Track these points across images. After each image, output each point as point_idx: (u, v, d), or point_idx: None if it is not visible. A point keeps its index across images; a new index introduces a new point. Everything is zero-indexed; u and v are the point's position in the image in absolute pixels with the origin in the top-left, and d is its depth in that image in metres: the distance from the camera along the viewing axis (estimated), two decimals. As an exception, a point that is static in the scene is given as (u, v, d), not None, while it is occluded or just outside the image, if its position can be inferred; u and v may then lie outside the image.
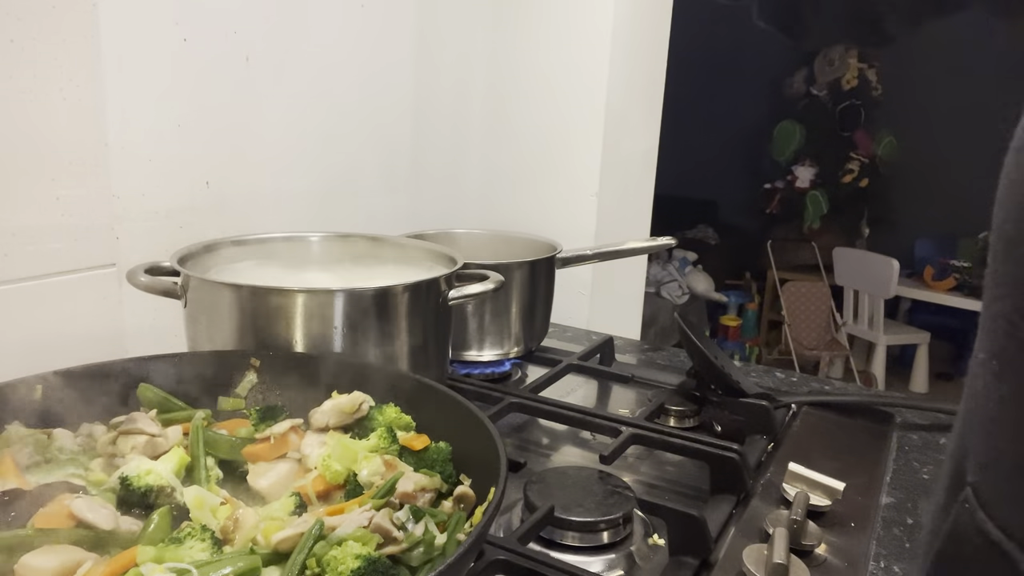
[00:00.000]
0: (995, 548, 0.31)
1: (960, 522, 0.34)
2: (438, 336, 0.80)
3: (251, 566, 0.44)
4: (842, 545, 0.65)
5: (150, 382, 0.64)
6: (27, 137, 0.74)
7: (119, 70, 0.81)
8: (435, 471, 0.57)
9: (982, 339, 0.33)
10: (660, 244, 1.18)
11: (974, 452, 0.34)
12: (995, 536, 0.32)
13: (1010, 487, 0.32)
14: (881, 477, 0.79)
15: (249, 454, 0.59)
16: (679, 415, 0.91)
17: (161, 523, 0.49)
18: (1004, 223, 0.31)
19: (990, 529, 0.32)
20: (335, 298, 0.70)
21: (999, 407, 0.32)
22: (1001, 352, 0.32)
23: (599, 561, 0.63)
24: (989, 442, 0.33)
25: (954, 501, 0.35)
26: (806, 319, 4.15)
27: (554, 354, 1.10)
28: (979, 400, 0.33)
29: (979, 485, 0.33)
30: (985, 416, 0.33)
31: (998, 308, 0.32)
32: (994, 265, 0.32)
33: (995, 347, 0.32)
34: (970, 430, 0.34)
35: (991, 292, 0.32)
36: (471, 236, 1.22)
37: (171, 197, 0.89)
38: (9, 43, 0.71)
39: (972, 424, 0.34)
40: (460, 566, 0.43)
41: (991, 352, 0.32)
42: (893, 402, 0.97)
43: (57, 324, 0.78)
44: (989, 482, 0.33)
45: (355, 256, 0.92)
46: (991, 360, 0.32)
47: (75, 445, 0.58)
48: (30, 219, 0.75)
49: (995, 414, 0.32)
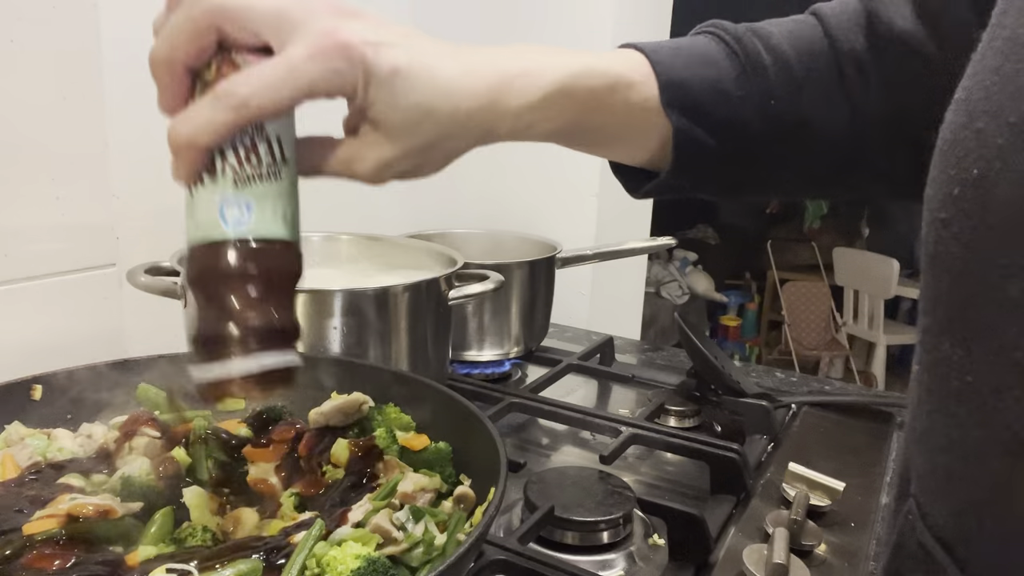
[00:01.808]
0: (932, 560, 0.31)
1: (903, 534, 0.35)
2: (438, 336, 0.80)
3: (252, 567, 0.44)
4: (842, 545, 0.65)
5: (150, 382, 0.64)
6: (27, 137, 0.74)
7: (119, 70, 0.81)
8: (435, 471, 0.57)
9: (917, 349, 0.33)
10: (660, 244, 1.18)
11: (914, 463, 0.34)
12: (931, 547, 0.32)
13: (945, 499, 0.32)
14: (881, 477, 0.79)
15: (249, 454, 0.59)
16: (679, 415, 0.91)
17: (162, 523, 0.49)
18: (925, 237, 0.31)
19: (928, 540, 0.32)
20: (335, 298, 0.70)
21: (930, 419, 0.32)
22: (928, 366, 0.32)
23: (599, 561, 0.63)
24: (925, 454, 0.33)
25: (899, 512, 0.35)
26: (806, 319, 4.15)
27: (554, 354, 1.10)
28: (915, 412, 0.33)
29: (919, 496, 0.33)
30: (920, 428, 0.33)
31: (923, 323, 0.32)
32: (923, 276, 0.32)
33: (923, 361, 0.32)
34: (911, 440, 0.35)
35: (921, 303, 0.32)
36: (471, 236, 1.22)
37: (171, 197, 0.88)
38: (9, 43, 0.71)
39: (912, 435, 0.34)
40: (460, 566, 0.43)
41: (923, 364, 0.32)
42: (893, 402, 0.97)
43: (57, 324, 0.78)
44: (927, 493, 0.33)
45: (355, 256, 0.92)
46: (923, 374, 0.32)
47: (75, 445, 0.58)
48: (30, 219, 0.75)
49: (926, 426, 0.32)
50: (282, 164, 0.39)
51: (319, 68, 0.37)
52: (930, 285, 0.31)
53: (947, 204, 0.29)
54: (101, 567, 0.43)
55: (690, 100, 0.48)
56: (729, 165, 0.51)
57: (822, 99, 0.49)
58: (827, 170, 0.53)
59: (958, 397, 0.29)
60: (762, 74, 0.49)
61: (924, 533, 0.32)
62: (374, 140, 0.41)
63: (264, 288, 0.39)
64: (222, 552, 0.44)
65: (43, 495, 0.49)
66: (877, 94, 0.49)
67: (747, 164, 0.51)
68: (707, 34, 0.51)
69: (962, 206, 0.28)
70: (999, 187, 0.27)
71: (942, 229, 0.30)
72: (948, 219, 0.29)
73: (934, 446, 0.32)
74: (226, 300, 0.38)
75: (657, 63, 0.48)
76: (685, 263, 4.28)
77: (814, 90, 0.49)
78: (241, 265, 0.38)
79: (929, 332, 0.31)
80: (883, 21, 0.48)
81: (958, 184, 0.29)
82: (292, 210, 0.40)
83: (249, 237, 0.38)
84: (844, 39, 0.49)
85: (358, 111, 0.40)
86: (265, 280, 0.39)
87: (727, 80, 0.49)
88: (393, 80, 0.39)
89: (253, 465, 0.59)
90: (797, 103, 0.49)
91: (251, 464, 0.59)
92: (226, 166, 0.38)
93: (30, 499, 0.49)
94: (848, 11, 0.50)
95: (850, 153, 0.51)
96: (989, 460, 0.28)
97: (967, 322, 0.29)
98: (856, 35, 0.49)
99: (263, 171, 0.38)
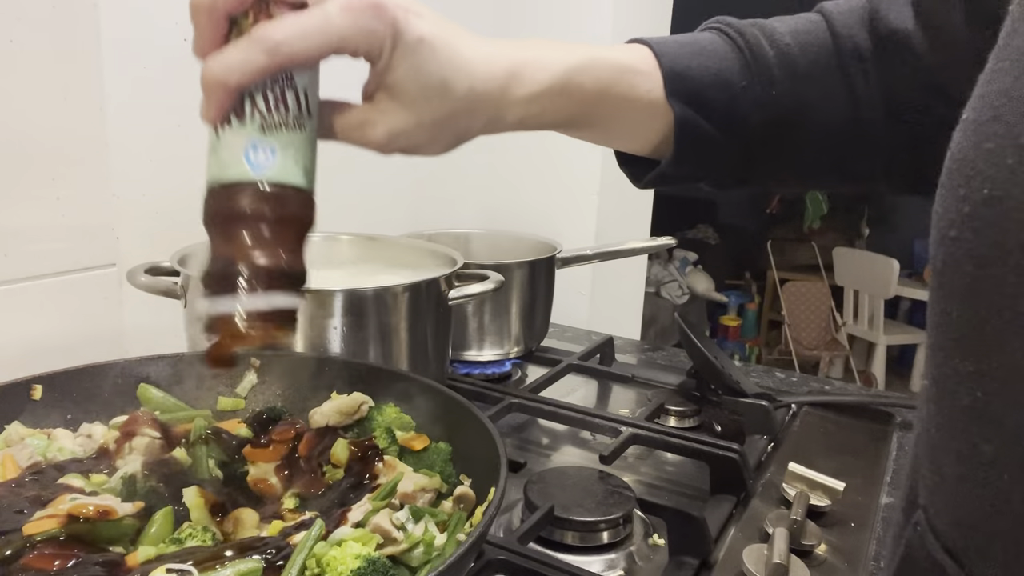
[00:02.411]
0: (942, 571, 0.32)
1: (912, 545, 0.35)
2: (438, 336, 0.80)
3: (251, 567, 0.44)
4: (842, 545, 0.65)
5: (150, 382, 0.64)
6: (28, 137, 0.74)
7: (119, 70, 0.81)
8: (435, 471, 0.57)
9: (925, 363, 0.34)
10: (660, 244, 1.18)
11: (923, 475, 0.34)
12: (941, 559, 0.32)
13: (954, 511, 0.32)
14: (881, 477, 0.79)
15: (249, 454, 0.59)
16: (679, 415, 0.91)
17: (162, 523, 0.49)
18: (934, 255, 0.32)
19: (937, 553, 0.32)
20: (335, 298, 0.70)
21: (939, 432, 0.32)
22: (937, 380, 0.32)
23: (599, 561, 0.63)
24: (934, 466, 0.33)
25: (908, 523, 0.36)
26: (806, 319, 4.15)
27: (554, 354, 1.10)
28: (924, 423, 0.34)
29: (928, 508, 0.34)
30: (929, 440, 0.33)
31: (932, 339, 0.32)
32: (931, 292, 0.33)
33: (933, 375, 0.32)
34: (920, 452, 0.35)
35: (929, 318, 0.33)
36: (471, 236, 1.22)
37: (171, 197, 0.89)
38: (9, 43, 0.71)
39: (921, 447, 0.35)
40: (460, 566, 0.43)
41: (932, 378, 0.33)
42: (893, 402, 0.97)
43: (57, 324, 0.78)
44: (936, 505, 0.33)
45: (355, 256, 0.92)
46: (932, 388, 0.33)
47: (75, 445, 0.58)
48: (30, 219, 0.75)
49: (935, 440, 0.32)
50: (307, 116, 0.41)
51: (351, 22, 0.39)
52: (939, 301, 0.31)
53: (957, 223, 0.30)
54: (101, 567, 0.43)
55: (693, 89, 0.49)
56: (730, 154, 0.52)
57: (823, 90, 0.51)
58: (827, 160, 0.54)
59: (968, 412, 0.30)
60: (764, 65, 0.50)
61: (934, 545, 0.32)
62: (388, 107, 0.43)
63: (278, 231, 0.41)
64: (222, 552, 0.44)
65: (43, 495, 0.49)
66: (876, 87, 0.50)
67: (748, 153, 0.53)
68: (712, 30, 0.53)
69: (972, 224, 0.29)
70: (1009, 206, 0.27)
71: (952, 247, 0.30)
72: (958, 237, 0.30)
73: (944, 459, 0.32)
74: (241, 238, 0.40)
75: (662, 55, 0.49)
76: (685, 263, 4.28)
77: (816, 81, 0.51)
78: (260, 206, 0.40)
79: (938, 348, 0.32)
80: (883, 18, 0.49)
81: (968, 203, 0.29)
82: (311, 161, 0.42)
83: (270, 180, 0.40)
84: (847, 34, 0.51)
85: (378, 76, 0.42)
86: (280, 223, 0.40)
87: (730, 71, 0.50)
88: (418, 47, 0.41)
89: (253, 465, 0.59)
90: (799, 93, 0.51)
91: (251, 464, 0.59)
92: (255, 111, 0.40)
93: (30, 499, 0.49)
94: (853, 8, 0.52)
95: (850, 144, 0.52)
96: (999, 474, 0.28)
97: (977, 339, 0.29)
98: (859, 30, 0.50)
99: (289, 120, 0.40)
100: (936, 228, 0.32)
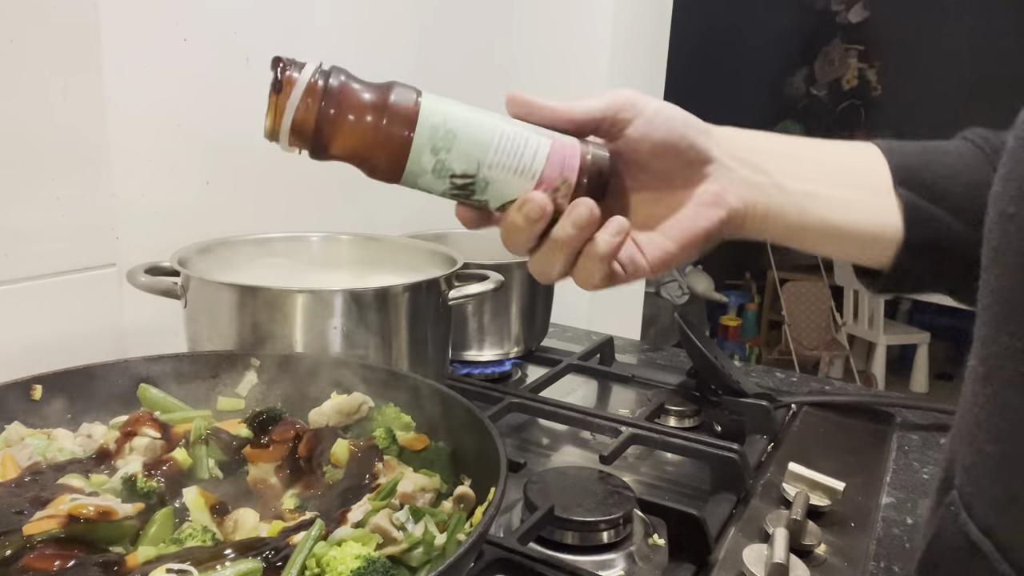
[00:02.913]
0: (975, 549, 0.32)
1: (944, 524, 0.35)
2: (438, 336, 0.80)
3: (251, 567, 0.44)
4: (842, 545, 0.65)
5: (150, 382, 0.64)
6: (27, 137, 0.74)
7: (119, 70, 0.81)
8: (435, 471, 0.57)
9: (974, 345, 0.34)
10: (660, 244, 1.18)
11: (960, 456, 0.35)
12: (975, 537, 0.32)
13: (992, 488, 0.32)
14: (881, 477, 0.79)
15: (249, 454, 0.59)
16: (679, 415, 0.91)
17: (162, 523, 0.49)
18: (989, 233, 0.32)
19: (972, 530, 0.33)
20: (335, 298, 0.70)
21: (983, 410, 0.33)
22: (986, 358, 0.33)
23: (599, 561, 0.63)
24: (973, 445, 0.34)
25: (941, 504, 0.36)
26: (806, 319, 4.14)
27: (554, 354, 1.10)
28: (967, 405, 0.34)
29: (964, 487, 0.34)
30: (971, 420, 0.34)
31: (982, 318, 0.33)
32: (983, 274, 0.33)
33: (980, 355, 0.33)
34: (958, 434, 0.35)
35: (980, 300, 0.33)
36: (471, 236, 1.21)
37: (171, 197, 0.89)
38: (9, 43, 0.71)
39: (960, 429, 0.35)
40: (460, 566, 0.43)
41: (979, 358, 0.33)
42: (893, 402, 0.97)
43: (57, 324, 0.78)
44: (973, 484, 0.34)
45: (355, 256, 0.92)
46: (979, 366, 0.33)
47: (75, 445, 0.58)
48: (30, 219, 0.75)
49: (979, 417, 0.33)
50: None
51: None
52: (990, 280, 0.32)
53: (1016, 199, 0.31)
54: (101, 568, 0.43)
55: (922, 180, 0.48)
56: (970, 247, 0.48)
57: None
58: None
59: (1014, 387, 0.31)
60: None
61: (968, 524, 0.33)
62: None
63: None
64: (222, 552, 0.44)
65: (43, 495, 0.49)
66: None
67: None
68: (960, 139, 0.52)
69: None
70: None
71: (1008, 223, 0.31)
72: (1015, 213, 0.31)
73: (985, 437, 0.33)
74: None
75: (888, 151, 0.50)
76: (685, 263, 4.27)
77: None
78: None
79: (987, 326, 0.32)
80: None
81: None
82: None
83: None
84: None
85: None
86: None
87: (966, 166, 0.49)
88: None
89: (253, 465, 0.59)
90: None
91: (251, 464, 0.59)
92: None
93: (30, 499, 0.49)
94: None
95: None
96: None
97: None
98: None
99: None
100: (993, 206, 0.33)
